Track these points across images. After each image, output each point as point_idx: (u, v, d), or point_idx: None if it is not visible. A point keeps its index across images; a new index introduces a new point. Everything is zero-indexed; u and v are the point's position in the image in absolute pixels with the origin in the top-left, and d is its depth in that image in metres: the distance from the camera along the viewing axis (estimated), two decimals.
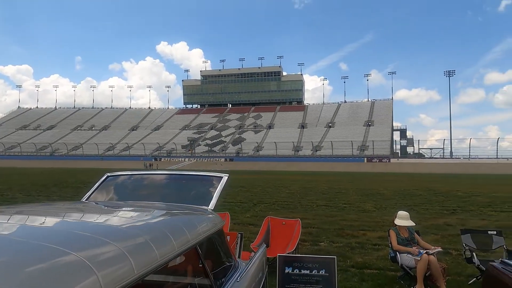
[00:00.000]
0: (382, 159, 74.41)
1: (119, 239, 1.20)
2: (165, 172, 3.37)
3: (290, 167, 59.86)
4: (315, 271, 2.96)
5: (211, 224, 1.93)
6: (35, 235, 1.16)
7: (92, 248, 1.09)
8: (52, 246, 1.03)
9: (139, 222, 1.57)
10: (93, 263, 0.98)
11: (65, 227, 1.37)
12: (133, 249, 1.17)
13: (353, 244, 6.74)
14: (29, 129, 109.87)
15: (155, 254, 1.21)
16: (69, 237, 1.18)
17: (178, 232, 1.49)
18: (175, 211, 2.03)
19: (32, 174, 34.68)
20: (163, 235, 1.38)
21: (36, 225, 1.37)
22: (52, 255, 0.97)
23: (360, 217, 10.41)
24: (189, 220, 1.84)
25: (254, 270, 2.28)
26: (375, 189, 21.37)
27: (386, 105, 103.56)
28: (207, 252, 1.66)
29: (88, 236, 1.20)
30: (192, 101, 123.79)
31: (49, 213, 1.66)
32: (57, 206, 1.98)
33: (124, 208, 2.06)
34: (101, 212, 1.88)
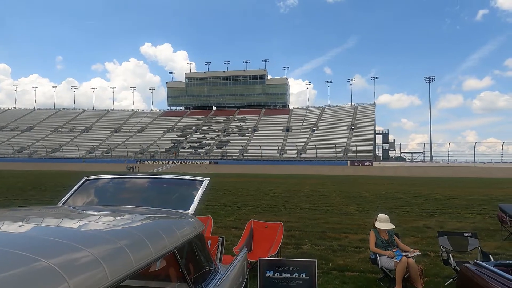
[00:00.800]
0: (364, 162, 75.62)
1: (93, 245, 1.17)
2: (145, 176, 3.33)
3: (275, 170, 60.07)
4: (296, 274, 2.98)
5: (191, 228, 1.92)
6: (3, 241, 1.13)
7: (64, 255, 1.06)
8: (21, 252, 1.00)
9: (115, 227, 1.54)
10: (64, 270, 0.95)
11: (38, 233, 1.33)
12: (107, 255, 1.14)
13: (335, 246, 6.81)
14: (6, 130, 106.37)
15: (130, 259, 1.19)
16: (40, 244, 1.15)
17: (155, 237, 1.48)
18: (154, 215, 2.01)
19: (8, 176, 33.55)
20: (139, 240, 1.36)
21: (7, 231, 1.33)
22: (21, 262, 0.94)
23: (342, 220, 10.54)
24: (167, 224, 1.82)
25: (234, 274, 2.28)
26: (358, 192, 21.68)
27: (369, 110, 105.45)
28: (186, 257, 1.65)
29: (60, 242, 1.17)
30: (176, 103, 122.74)
31: (23, 218, 1.61)
32: (32, 211, 1.93)
33: (101, 213, 2.03)
34: (77, 217, 1.84)
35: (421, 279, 4.40)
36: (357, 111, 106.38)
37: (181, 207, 2.49)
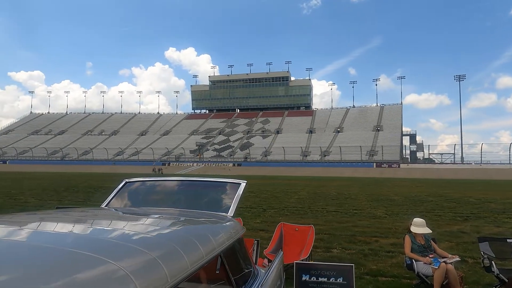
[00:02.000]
0: (391, 164, 73.69)
1: (153, 248, 1.20)
2: (183, 178, 3.37)
3: (299, 172, 59.62)
4: (333, 279, 2.92)
5: (234, 231, 1.93)
6: (69, 243, 1.17)
7: (129, 257, 1.09)
8: (89, 254, 1.03)
9: (167, 230, 1.57)
10: (130, 271, 0.97)
11: (96, 234, 1.37)
12: (166, 258, 1.16)
13: (366, 251, 6.65)
14: (40, 134, 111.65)
15: (186, 262, 1.21)
16: (103, 245, 1.19)
17: (205, 239, 1.49)
18: (199, 218, 2.03)
19: (43, 178, 35.16)
20: (191, 242, 1.38)
21: (66, 232, 1.38)
22: (90, 264, 0.98)
23: (371, 223, 10.29)
24: (213, 227, 1.84)
25: (273, 277, 2.26)
26: (385, 194, 21.14)
27: (395, 110, 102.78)
28: (230, 260, 1.66)
29: (121, 244, 1.21)
30: (200, 106, 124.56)
31: (76, 220, 1.67)
32: (81, 213, 2.00)
33: (148, 215, 2.07)
34: (128, 219, 1.89)
35: (460, 286, 4.20)
36: (383, 111, 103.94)
37: (220, 210, 2.51)
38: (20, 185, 25.00)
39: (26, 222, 1.47)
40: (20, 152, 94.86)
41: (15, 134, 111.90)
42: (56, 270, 0.92)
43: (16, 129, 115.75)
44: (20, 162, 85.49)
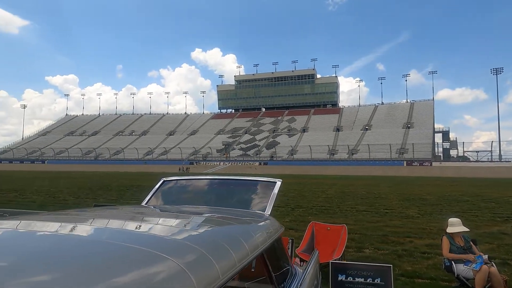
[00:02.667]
0: (423, 162, 71.15)
1: (202, 244, 1.23)
2: (219, 177, 3.44)
3: (326, 171, 58.82)
4: (370, 279, 2.87)
5: (274, 230, 1.94)
6: (125, 239, 1.23)
7: (182, 252, 1.13)
8: (146, 249, 1.07)
9: (212, 227, 1.61)
10: (186, 267, 1.01)
11: (147, 231, 1.43)
12: (216, 254, 1.19)
13: (400, 251, 6.47)
14: (75, 135, 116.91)
15: (234, 259, 1.24)
16: (157, 241, 1.24)
17: (249, 238, 1.51)
18: (239, 216, 2.07)
19: (78, 177, 36.81)
20: (237, 240, 1.40)
21: (121, 228, 1.45)
22: (150, 259, 1.01)
23: (404, 223, 10.00)
24: (255, 225, 1.86)
25: (310, 277, 2.26)
26: (417, 194, 20.45)
27: (426, 106, 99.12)
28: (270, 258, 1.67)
29: (174, 240, 1.26)
30: (226, 105, 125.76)
31: (125, 217, 1.74)
32: (127, 210, 2.08)
33: (191, 213, 2.12)
34: (173, 217, 1.94)
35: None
36: (414, 108, 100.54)
37: (257, 208, 2.54)
38: (58, 184, 26.31)
39: (81, 219, 1.56)
40: (57, 152, 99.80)
41: (52, 135, 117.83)
42: (120, 264, 0.98)
43: (53, 131, 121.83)
44: (57, 162, 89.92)
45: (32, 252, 1.04)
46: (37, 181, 29.16)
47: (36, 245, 1.11)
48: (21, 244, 1.12)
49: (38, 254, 1.01)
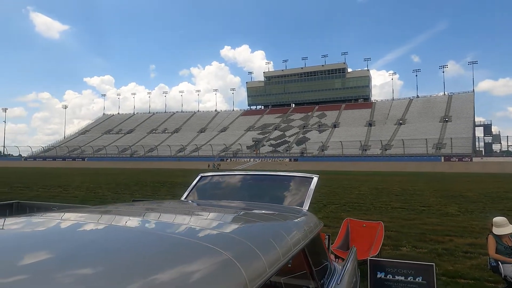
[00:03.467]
0: (462, 158, 67.68)
1: (248, 238, 1.27)
2: (256, 172, 3.45)
3: (358, 167, 57.51)
4: (411, 278, 2.77)
5: (313, 225, 1.94)
6: (176, 231, 1.29)
7: (231, 245, 1.17)
8: (196, 241, 1.15)
9: (256, 222, 1.64)
10: (236, 259, 1.05)
11: (194, 224, 1.48)
12: (262, 248, 1.22)
13: (440, 250, 6.21)
14: (112, 133, 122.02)
15: (278, 253, 1.25)
16: (206, 234, 1.31)
17: (291, 232, 1.52)
18: (279, 211, 2.08)
19: (116, 174, 38.45)
20: (280, 235, 1.42)
21: (169, 221, 1.51)
22: (201, 251, 1.07)
23: (443, 221, 9.59)
24: (296, 221, 1.87)
25: (349, 273, 2.23)
26: (457, 190, 19.52)
27: (466, 98, 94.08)
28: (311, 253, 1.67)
29: (220, 233, 1.32)
30: (256, 102, 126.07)
31: (171, 211, 1.81)
32: (170, 205, 2.16)
33: (231, 208, 2.17)
34: (215, 211, 1.99)
35: None
36: (452, 100, 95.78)
37: (295, 204, 2.54)
38: (97, 180, 27.65)
39: (129, 212, 1.64)
40: (95, 150, 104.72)
41: (91, 134, 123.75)
42: (173, 255, 1.04)
43: (92, 130, 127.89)
44: (96, 159, 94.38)
45: (87, 242, 1.10)
46: (79, 177, 30.80)
47: (90, 236, 1.18)
48: (75, 235, 1.18)
49: (93, 244, 1.06)
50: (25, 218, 1.39)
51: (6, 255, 0.92)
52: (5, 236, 1.13)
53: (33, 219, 1.37)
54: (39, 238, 1.13)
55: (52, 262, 0.88)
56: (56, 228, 1.29)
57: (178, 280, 0.88)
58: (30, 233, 1.19)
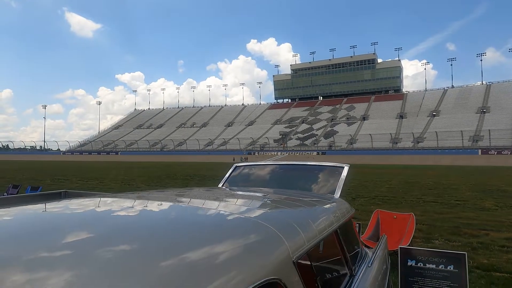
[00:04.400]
0: (502, 151, 64.20)
1: (290, 216, 1.48)
2: (288, 162, 3.59)
3: (388, 160, 56.05)
4: (442, 266, 2.80)
5: (346, 210, 2.05)
6: (229, 210, 1.47)
7: (276, 222, 1.36)
8: (245, 216, 1.36)
9: (294, 205, 1.80)
10: (282, 234, 1.22)
11: (240, 204, 1.65)
12: (302, 225, 1.40)
13: (475, 244, 6.07)
14: (143, 128, 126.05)
15: (315, 230, 1.39)
16: (252, 211, 1.52)
17: (325, 214, 1.65)
18: (311, 198, 2.21)
19: (148, 167, 39.83)
20: (316, 216, 1.56)
21: (219, 202, 1.70)
22: (255, 226, 1.26)
23: (478, 216, 9.28)
24: (330, 206, 1.99)
25: (380, 259, 2.31)
26: (495, 185, 18.67)
27: (506, 88, 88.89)
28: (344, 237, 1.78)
29: (265, 212, 1.52)
30: (283, 95, 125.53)
31: (216, 194, 2.00)
32: (213, 190, 2.35)
33: (269, 193, 2.33)
34: (255, 196, 2.16)
35: None
36: (490, 90, 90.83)
37: (327, 192, 2.64)
38: (131, 173, 28.81)
39: (177, 194, 1.83)
40: (128, 144, 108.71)
41: (123, 128, 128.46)
42: (225, 228, 1.23)
43: (124, 125, 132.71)
44: (129, 153, 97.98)
45: (154, 218, 1.33)
46: (113, 170, 32.22)
47: (156, 213, 1.41)
48: (139, 213, 1.38)
49: (160, 219, 1.29)
50: (78, 201, 1.61)
51: (66, 231, 1.05)
52: (61, 215, 1.32)
53: (85, 201, 1.58)
54: (93, 217, 1.32)
55: (116, 237, 1.00)
56: (115, 207, 1.47)
57: (233, 247, 1.04)
58: (85, 213, 1.37)
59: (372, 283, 1.83)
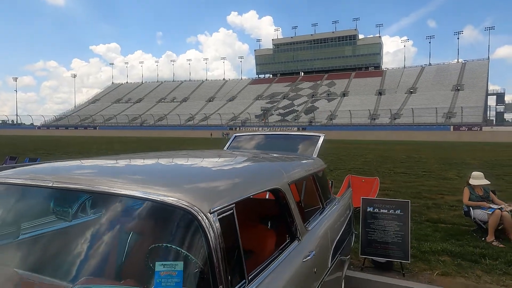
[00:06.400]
0: (472, 127, 67.43)
1: (285, 161, 2.36)
2: (277, 132, 4.42)
3: (366, 136, 58.12)
4: (392, 210, 3.70)
5: (320, 164, 2.83)
6: (247, 156, 2.23)
7: (278, 162, 2.34)
8: (262, 160, 2.29)
9: (284, 157, 2.58)
10: (282, 169, 2.07)
11: (250, 155, 2.40)
12: (292, 166, 2.32)
13: (430, 204, 7.12)
14: (121, 102, 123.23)
15: (300, 171, 2.16)
16: (259, 157, 2.36)
17: (307, 163, 2.42)
18: (298, 155, 2.99)
19: (129, 142, 39.83)
20: (301, 164, 2.34)
21: (237, 154, 2.45)
22: (266, 165, 2.18)
23: (440, 184, 10.45)
24: (309, 160, 2.77)
25: (345, 203, 3.13)
26: (461, 158, 20.22)
27: (480, 66, 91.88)
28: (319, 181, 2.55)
29: (268, 157, 2.36)
30: (264, 70, 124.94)
31: (228, 152, 2.74)
32: (223, 151, 3.13)
33: (264, 153, 3.10)
34: (256, 153, 2.93)
35: None
36: (465, 68, 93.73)
37: (307, 154, 3.41)
38: (112, 147, 28.93)
39: (201, 151, 2.56)
40: (106, 119, 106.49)
41: (100, 103, 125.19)
42: (248, 166, 2.13)
43: (101, 99, 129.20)
44: (107, 128, 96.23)
45: (188, 161, 2.08)
46: (95, 145, 32.18)
47: (190, 157, 2.12)
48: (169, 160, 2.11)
49: (197, 157, 2.14)
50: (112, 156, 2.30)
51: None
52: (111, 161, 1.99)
53: (121, 155, 2.27)
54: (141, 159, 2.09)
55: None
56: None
57: (255, 173, 1.87)
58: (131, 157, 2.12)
59: (337, 216, 2.63)
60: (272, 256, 1.57)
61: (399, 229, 3.61)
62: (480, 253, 4.23)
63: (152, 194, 1.18)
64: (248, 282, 1.25)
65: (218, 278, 1.09)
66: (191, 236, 1.14)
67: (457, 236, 4.91)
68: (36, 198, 1.42)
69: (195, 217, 1.12)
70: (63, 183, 1.31)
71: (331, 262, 2.20)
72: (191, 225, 1.12)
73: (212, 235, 1.11)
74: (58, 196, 1.41)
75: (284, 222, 1.82)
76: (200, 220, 1.11)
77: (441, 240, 4.72)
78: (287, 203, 1.83)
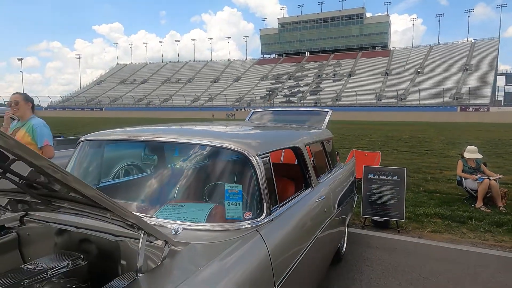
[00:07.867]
0: (479, 108, 66.96)
1: (300, 128, 2.85)
2: (290, 109, 4.99)
3: (372, 117, 58.17)
4: (390, 177, 4.26)
5: (328, 134, 3.37)
6: (273, 127, 2.78)
7: (294, 129, 2.85)
8: (284, 125, 2.99)
9: (301, 128, 3.13)
10: (298, 133, 2.69)
11: (273, 124, 2.95)
12: (305, 132, 2.87)
13: (428, 178, 7.66)
14: (127, 83, 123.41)
15: (312, 136, 2.70)
16: (283, 125, 2.89)
17: (317, 132, 2.96)
18: (309, 126, 3.56)
19: (137, 123, 40.44)
20: (312, 133, 2.87)
21: (258, 123, 2.99)
22: (287, 127, 2.84)
23: (440, 161, 10.94)
24: (320, 129, 3.32)
25: (348, 169, 3.69)
26: (464, 138, 20.58)
27: (490, 45, 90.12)
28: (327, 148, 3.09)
29: (288, 126, 2.82)
30: (269, 50, 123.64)
31: (251, 123, 3.30)
32: (247, 122, 3.68)
33: (281, 122, 3.66)
34: (278, 122, 3.49)
35: (503, 199, 5.16)
36: (474, 48, 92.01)
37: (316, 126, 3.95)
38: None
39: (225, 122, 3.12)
40: (112, 100, 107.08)
41: (106, 84, 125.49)
42: (268, 128, 2.70)
43: (107, 80, 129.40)
44: (113, 109, 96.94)
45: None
46: (105, 125, 32.85)
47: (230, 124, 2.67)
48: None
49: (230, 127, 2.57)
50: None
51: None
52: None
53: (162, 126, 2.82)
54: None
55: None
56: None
57: (279, 138, 2.37)
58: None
59: (342, 176, 3.18)
60: (294, 195, 2.14)
61: (395, 193, 4.21)
62: (468, 216, 4.80)
63: (222, 143, 1.77)
64: (279, 207, 1.82)
65: (264, 198, 1.66)
66: (247, 170, 1.72)
67: (450, 203, 5.48)
68: (133, 148, 2.04)
69: (249, 158, 1.71)
70: (151, 137, 1.97)
71: (337, 208, 2.77)
72: (247, 163, 1.71)
73: (258, 170, 1.69)
74: (147, 147, 2.04)
75: (302, 174, 2.36)
76: (251, 160, 1.71)
77: (434, 206, 5.29)
78: (304, 159, 2.35)
